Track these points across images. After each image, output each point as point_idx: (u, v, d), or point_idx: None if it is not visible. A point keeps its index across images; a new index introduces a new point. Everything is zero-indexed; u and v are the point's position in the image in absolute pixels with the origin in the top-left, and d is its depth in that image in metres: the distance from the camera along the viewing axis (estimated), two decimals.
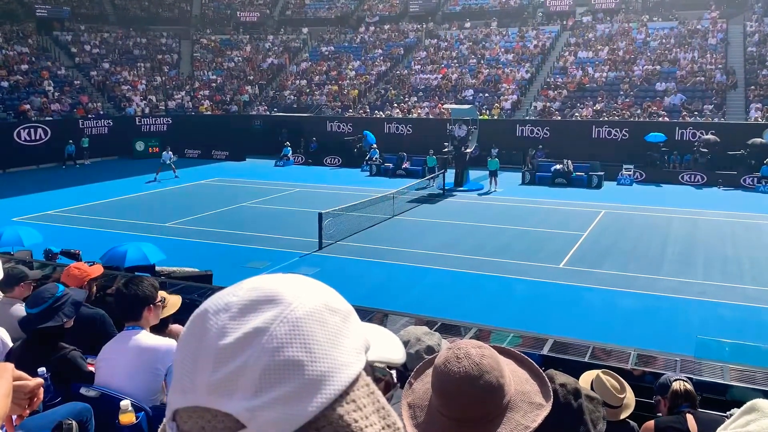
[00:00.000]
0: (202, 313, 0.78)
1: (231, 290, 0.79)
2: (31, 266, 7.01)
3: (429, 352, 3.10)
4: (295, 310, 0.76)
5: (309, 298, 0.79)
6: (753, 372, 5.34)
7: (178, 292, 6.30)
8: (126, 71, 42.69)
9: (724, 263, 16.22)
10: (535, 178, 28.30)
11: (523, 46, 41.25)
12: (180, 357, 0.78)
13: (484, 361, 1.47)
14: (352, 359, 0.79)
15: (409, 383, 1.66)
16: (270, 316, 0.75)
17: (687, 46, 36.97)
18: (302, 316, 0.76)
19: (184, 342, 0.78)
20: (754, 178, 26.95)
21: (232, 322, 0.75)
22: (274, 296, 0.77)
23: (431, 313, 9.47)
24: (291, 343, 0.74)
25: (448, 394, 1.47)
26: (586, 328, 11.41)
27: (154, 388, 3.88)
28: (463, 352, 1.49)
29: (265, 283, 0.80)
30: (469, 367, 1.45)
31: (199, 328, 0.77)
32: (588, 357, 5.64)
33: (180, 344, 0.80)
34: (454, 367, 1.46)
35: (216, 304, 0.78)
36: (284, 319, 0.75)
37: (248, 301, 0.77)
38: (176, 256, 14.07)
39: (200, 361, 0.75)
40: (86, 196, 25.07)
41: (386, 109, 37.91)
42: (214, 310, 0.77)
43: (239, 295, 0.78)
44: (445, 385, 1.47)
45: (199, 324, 0.77)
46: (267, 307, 0.76)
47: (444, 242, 18.16)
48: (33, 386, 1.92)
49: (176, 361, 0.79)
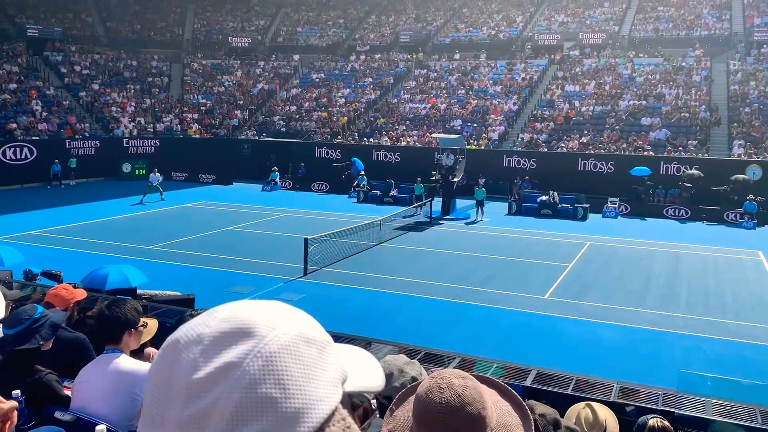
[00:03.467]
0: (174, 343, 0.75)
1: (203, 319, 0.77)
2: (11, 286, 6.91)
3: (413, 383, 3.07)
4: (269, 344, 0.74)
5: (284, 329, 0.76)
6: (735, 407, 5.34)
7: (159, 315, 6.23)
8: (115, 92, 42.71)
9: (707, 297, 16.32)
10: (522, 209, 28.46)
11: (511, 78, 41.81)
12: (150, 387, 0.76)
13: (466, 392, 1.46)
14: (327, 393, 0.77)
15: (391, 410, 1.64)
16: (243, 351, 0.73)
17: (672, 83, 37.64)
18: (276, 350, 0.74)
19: (155, 372, 0.76)
20: (737, 214, 27.26)
21: (204, 356, 0.72)
22: (247, 328, 0.74)
23: (415, 341, 9.43)
24: (264, 380, 0.72)
25: (429, 424, 1.45)
26: (570, 359, 11.39)
27: (131, 414, 3.81)
28: (446, 382, 1.47)
29: (239, 313, 0.77)
30: (451, 397, 1.44)
31: (170, 359, 0.74)
32: (571, 389, 5.62)
33: (151, 373, 0.77)
34: (436, 397, 1.45)
35: (188, 334, 0.75)
36: (258, 354, 0.73)
37: (221, 332, 0.74)
38: (159, 280, 13.93)
39: (171, 394, 0.72)
40: (70, 216, 24.86)
41: (375, 137, 38.12)
42: (185, 342, 0.74)
43: (212, 326, 0.75)
44: (426, 414, 1.45)
45: (171, 355, 0.74)
46: (240, 340, 0.74)
47: (429, 270, 18.14)
48: (7, 409, 1.88)
49: (146, 391, 0.76)
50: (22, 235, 21.17)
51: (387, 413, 1.65)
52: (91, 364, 3.94)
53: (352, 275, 17.49)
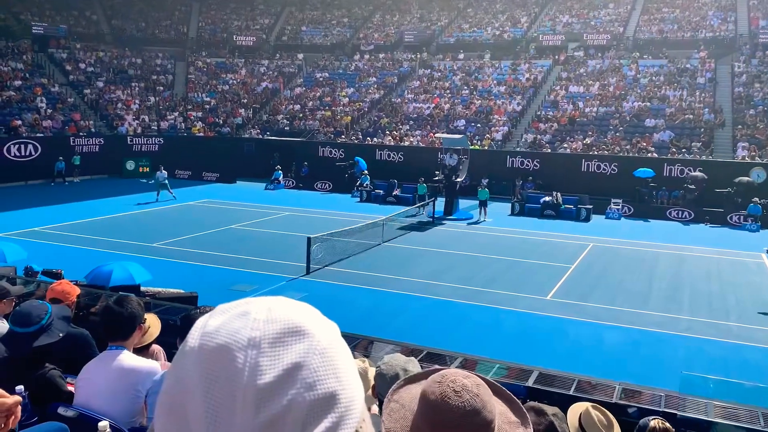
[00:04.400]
0: (222, 349, 0.73)
1: (242, 323, 0.75)
2: (14, 282, 6.94)
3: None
4: (321, 341, 0.77)
5: (324, 325, 0.80)
6: (737, 409, 5.34)
7: (162, 313, 6.24)
8: (120, 90, 42.79)
9: (710, 300, 16.29)
10: (524, 210, 28.43)
11: (515, 78, 41.77)
12: (204, 400, 0.72)
13: (480, 390, 1.48)
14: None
15: (388, 400, 1.64)
16: (302, 350, 0.75)
17: (676, 84, 37.57)
18: (327, 346, 0.78)
19: (209, 382, 0.72)
20: (740, 216, 27.20)
21: (265, 359, 0.72)
22: (297, 327, 0.76)
23: (417, 341, 9.42)
24: (327, 375, 0.75)
25: (447, 427, 1.46)
26: (572, 360, 11.38)
27: (134, 410, 3.82)
28: (460, 385, 1.48)
29: (279, 313, 0.77)
30: (471, 400, 1.46)
31: (226, 366, 0.72)
32: (573, 390, 5.62)
33: (199, 384, 0.73)
34: (455, 402, 1.45)
35: (237, 339, 0.73)
36: (316, 351, 0.76)
37: (275, 334, 0.75)
38: (162, 277, 13.96)
39: (237, 403, 0.71)
40: (74, 213, 24.91)
41: (378, 136, 38.13)
42: (238, 347, 0.73)
43: (261, 329, 0.74)
44: (445, 417, 1.46)
45: (225, 362, 0.72)
46: (295, 340, 0.75)
47: (432, 271, 18.14)
48: (11, 404, 1.89)
49: (197, 403, 0.72)
50: (26, 231, 21.22)
51: (385, 403, 1.65)
52: (94, 361, 3.95)
53: (354, 275, 17.50)
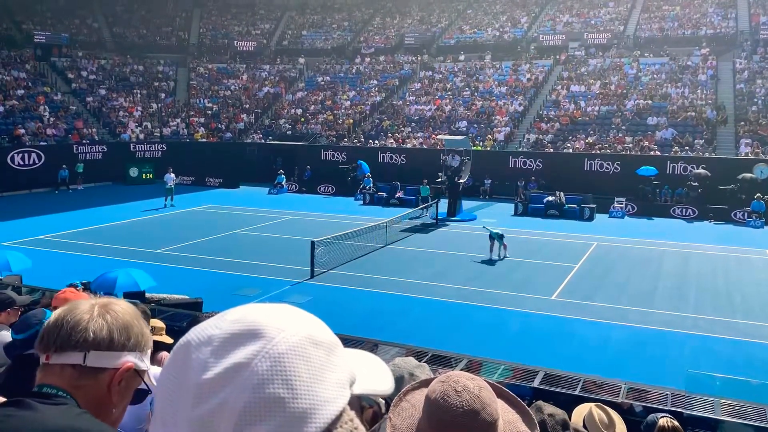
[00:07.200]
0: (185, 345, 0.77)
1: (214, 322, 0.78)
2: (20, 291, 6.96)
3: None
4: (277, 345, 0.75)
5: (292, 331, 0.77)
6: (744, 407, 5.32)
7: (168, 319, 6.25)
8: (122, 97, 42.90)
9: (716, 297, 16.24)
10: (528, 210, 28.40)
11: (516, 79, 41.76)
12: (162, 389, 0.77)
13: (482, 393, 1.48)
14: (335, 394, 0.77)
15: (399, 399, 1.65)
16: (252, 351, 0.74)
17: (678, 82, 37.51)
18: (285, 351, 0.75)
19: (167, 374, 0.78)
20: (744, 213, 27.13)
21: (214, 357, 0.74)
22: (256, 329, 0.76)
23: (422, 343, 9.43)
24: (272, 380, 0.73)
25: (448, 427, 1.46)
26: (578, 360, 11.36)
27: (141, 417, 3.82)
28: (462, 385, 1.49)
29: (248, 315, 0.78)
30: (471, 400, 1.46)
31: (182, 360, 0.76)
32: (579, 390, 5.61)
33: (162, 375, 0.79)
34: (455, 401, 1.46)
35: (199, 336, 0.77)
36: (266, 355, 0.74)
37: (230, 334, 0.76)
38: (167, 283, 13.98)
39: (182, 395, 0.74)
40: (78, 221, 24.97)
41: (380, 139, 38.15)
42: (196, 343, 0.76)
43: (222, 328, 0.76)
44: (446, 417, 1.46)
45: (182, 356, 0.76)
46: (249, 341, 0.75)
47: (436, 272, 18.13)
48: None
49: (158, 392, 0.78)
50: (31, 240, 21.28)
51: (392, 408, 1.65)
52: None
53: (358, 277, 17.50)
